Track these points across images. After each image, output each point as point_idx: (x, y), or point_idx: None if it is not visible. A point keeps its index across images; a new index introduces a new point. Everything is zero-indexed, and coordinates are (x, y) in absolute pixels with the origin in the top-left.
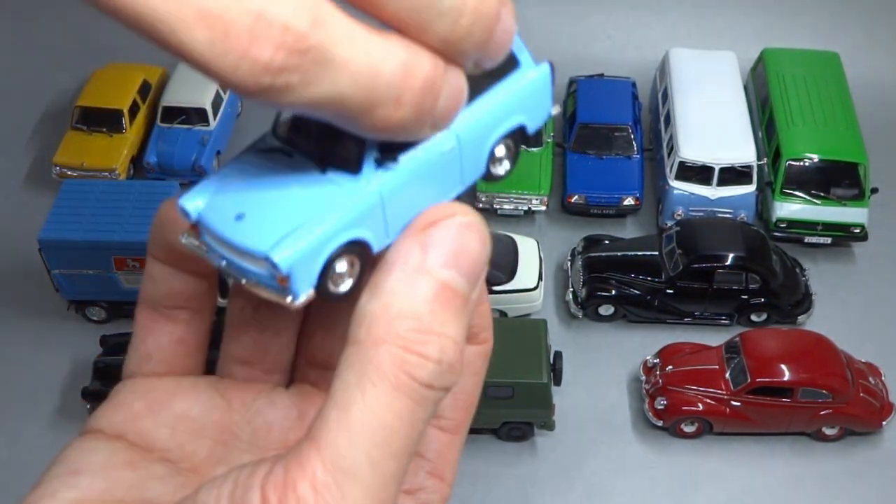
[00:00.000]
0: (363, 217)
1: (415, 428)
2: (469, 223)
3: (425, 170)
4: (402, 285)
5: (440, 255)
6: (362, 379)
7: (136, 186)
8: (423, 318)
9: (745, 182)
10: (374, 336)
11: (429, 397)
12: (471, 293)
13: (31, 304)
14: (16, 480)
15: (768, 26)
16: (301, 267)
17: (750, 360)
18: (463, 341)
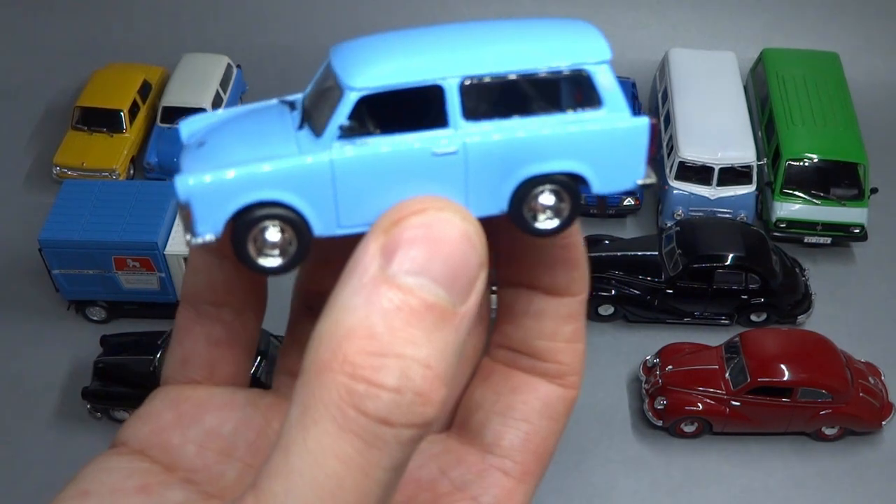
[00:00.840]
0: (300, 181)
1: (371, 477)
2: (445, 218)
3: (405, 164)
4: (355, 298)
5: (405, 258)
6: (304, 416)
7: (136, 187)
8: (379, 336)
9: (745, 182)
10: (319, 362)
11: (387, 437)
12: (456, 305)
13: (31, 304)
14: (16, 480)
15: (768, 27)
16: (203, 202)
17: (750, 359)
18: (444, 365)
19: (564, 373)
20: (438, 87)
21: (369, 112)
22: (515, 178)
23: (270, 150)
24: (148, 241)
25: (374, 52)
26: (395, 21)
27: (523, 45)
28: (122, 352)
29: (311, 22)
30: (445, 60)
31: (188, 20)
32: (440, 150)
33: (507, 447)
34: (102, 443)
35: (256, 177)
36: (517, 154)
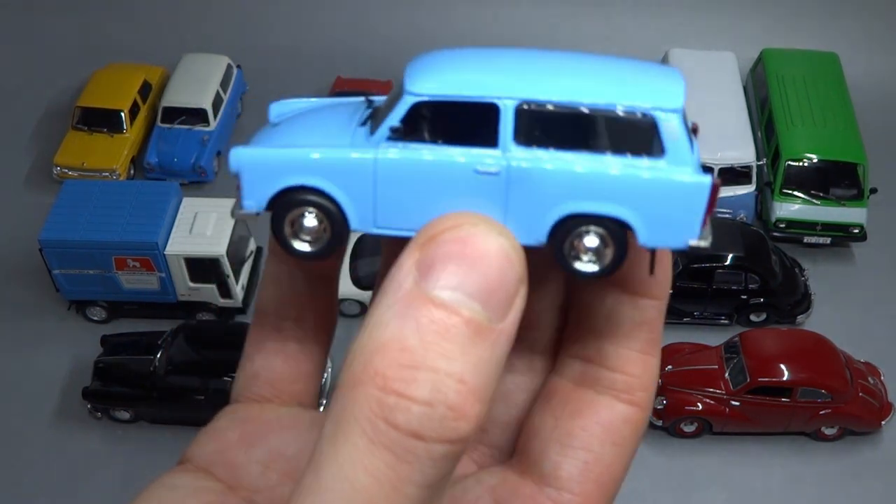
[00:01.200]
0: (342, 171)
1: (402, 493)
2: (481, 232)
3: (446, 175)
4: (390, 313)
5: (441, 273)
6: (336, 431)
7: (136, 187)
8: (411, 350)
9: (745, 182)
10: (352, 376)
11: (419, 452)
12: (493, 321)
13: (31, 304)
14: (16, 480)
15: (767, 27)
16: (250, 175)
17: (749, 359)
18: (481, 381)
19: (632, 387)
20: (494, 106)
21: (426, 120)
22: (556, 212)
23: (325, 140)
24: (148, 241)
25: (444, 63)
26: (395, 21)
27: (592, 79)
28: (122, 352)
29: (311, 22)
30: (507, 81)
31: (188, 20)
32: (482, 169)
33: (565, 479)
34: (102, 443)
35: (303, 161)
36: (562, 188)
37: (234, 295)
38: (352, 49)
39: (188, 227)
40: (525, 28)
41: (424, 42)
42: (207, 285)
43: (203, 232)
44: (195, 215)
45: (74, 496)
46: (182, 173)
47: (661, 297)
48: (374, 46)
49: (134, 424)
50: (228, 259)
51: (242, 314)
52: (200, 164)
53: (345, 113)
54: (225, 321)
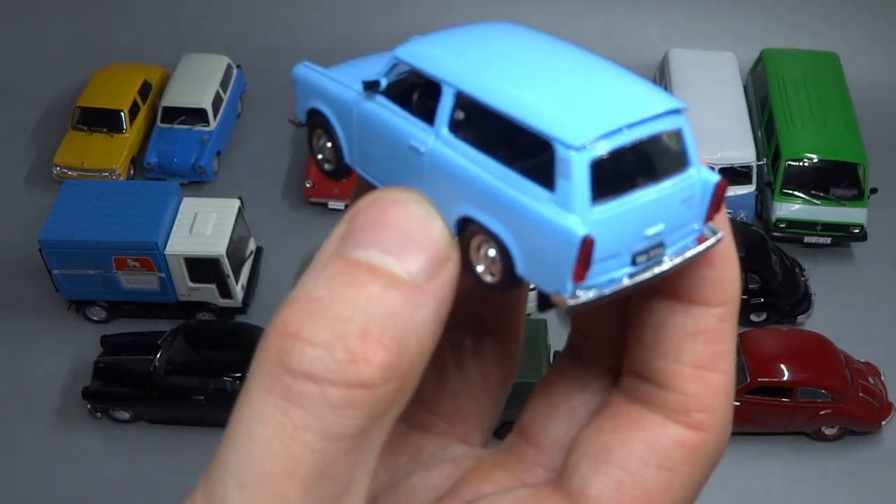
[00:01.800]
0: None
1: (301, 441)
2: (401, 200)
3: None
4: (307, 276)
5: (358, 236)
6: (245, 386)
7: (136, 187)
8: (318, 300)
9: (745, 182)
10: (265, 333)
11: (313, 396)
12: (415, 277)
13: (31, 304)
14: (16, 480)
15: (767, 27)
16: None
17: (750, 359)
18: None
19: (688, 407)
20: (439, 87)
21: (401, 84)
22: (457, 210)
23: (347, 78)
24: (148, 241)
25: (439, 36)
26: (396, 21)
27: (543, 89)
28: (122, 352)
29: (311, 22)
30: (462, 68)
31: (188, 20)
32: (413, 143)
33: (594, 497)
34: (102, 443)
35: (318, 87)
36: (465, 187)
37: (234, 295)
38: (352, 49)
39: (188, 227)
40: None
41: None
42: (207, 285)
43: (203, 232)
44: (195, 215)
45: (74, 496)
46: (182, 173)
47: (723, 303)
48: (374, 46)
49: (134, 424)
50: (228, 259)
51: (242, 314)
52: (200, 163)
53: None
54: (225, 321)
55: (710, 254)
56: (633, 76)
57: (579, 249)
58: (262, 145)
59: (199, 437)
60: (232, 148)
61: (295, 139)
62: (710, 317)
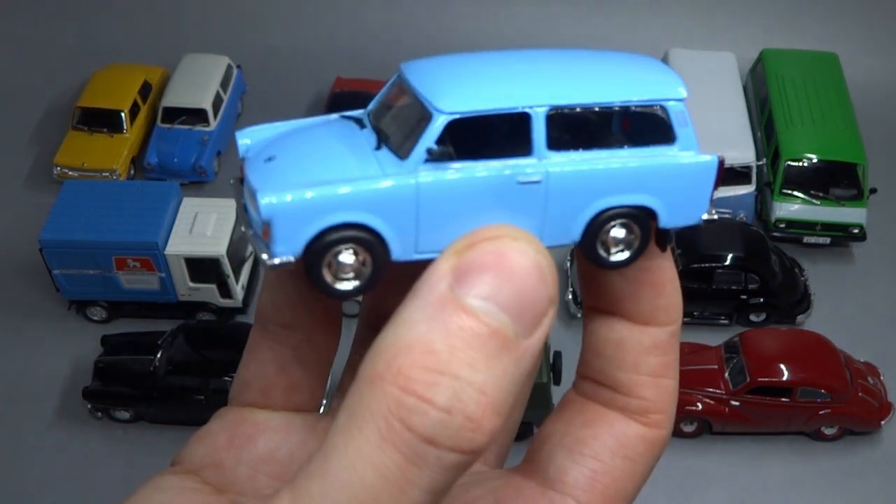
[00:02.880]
0: (384, 203)
1: (407, 495)
2: (520, 248)
3: (489, 190)
4: (420, 314)
5: (476, 282)
6: (351, 422)
7: (136, 187)
8: (437, 353)
9: (744, 182)
10: (373, 370)
11: (430, 458)
12: (520, 336)
13: (31, 304)
14: (17, 480)
15: (767, 27)
16: (286, 221)
17: (749, 359)
18: (501, 395)
19: (647, 409)
20: (526, 115)
21: (454, 136)
22: (591, 209)
23: (352, 171)
24: (148, 241)
25: (458, 74)
26: (396, 21)
27: (605, 78)
28: (122, 352)
29: (312, 22)
30: (534, 88)
31: (189, 20)
32: (525, 179)
33: (570, 484)
34: (103, 443)
35: (341, 197)
36: (595, 185)
37: (235, 295)
38: (352, 49)
39: (188, 227)
40: (525, 28)
41: (424, 42)
42: (207, 285)
43: (203, 232)
44: (195, 215)
45: (75, 496)
46: (182, 173)
47: (672, 323)
48: (374, 46)
49: (134, 424)
50: (229, 259)
51: (242, 314)
52: (200, 164)
53: (341, 136)
54: (225, 321)
55: (660, 285)
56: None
57: (717, 170)
58: None
59: None
60: (232, 148)
61: None
62: (664, 333)
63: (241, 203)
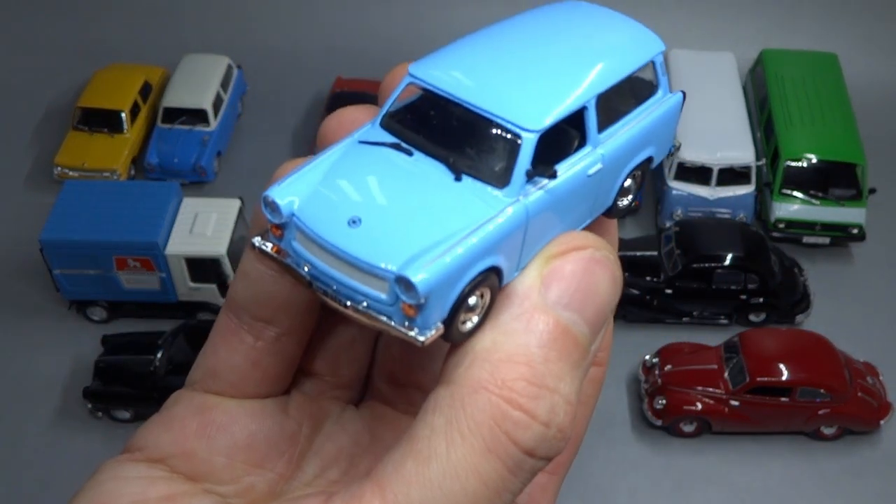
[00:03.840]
0: (506, 238)
1: (501, 498)
2: (602, 259)
3: (569, 192)
4: (516, 323)
5: (565, 292)
6: (451, 428)
7: (136, 187)
8: (536, 366)
9: (744, 182)
10: (475, 379)
11: (525, 467)
12: (592, 344)
13: (32, 304)
14: (17, 480)
15: (767, 27)
16: (438, 294)
17: (749, 359)
18: (577, 402)
19: None
20: (583, 109)
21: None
22: (623, 173)
23: (462, 217)
24: (148, 241)
25: (505, 78)
26: (395, 21)
27: (609, 50)
28: (122, 352)
29: (312, 22)
30: (581, 78)
31: (189, 21)
32: (593, 171)
33: None
34: (103, 442)
35: (476, 251)
36: (627, 152)
37: None
38: (352, 49)
39: (188, 227)
40: None
41: (424, 42)
42: (208, 285)
43: (203, 232)
44: (195, 215)
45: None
46: (182, 173)
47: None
48: (374, 46)
49: (134, 424)
50: (229, 259)
51: None
52: (201, 164)
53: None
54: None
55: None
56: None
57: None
58: (262, 145)
59: None
60: (232, 148)
61: (295, 140)
62: None
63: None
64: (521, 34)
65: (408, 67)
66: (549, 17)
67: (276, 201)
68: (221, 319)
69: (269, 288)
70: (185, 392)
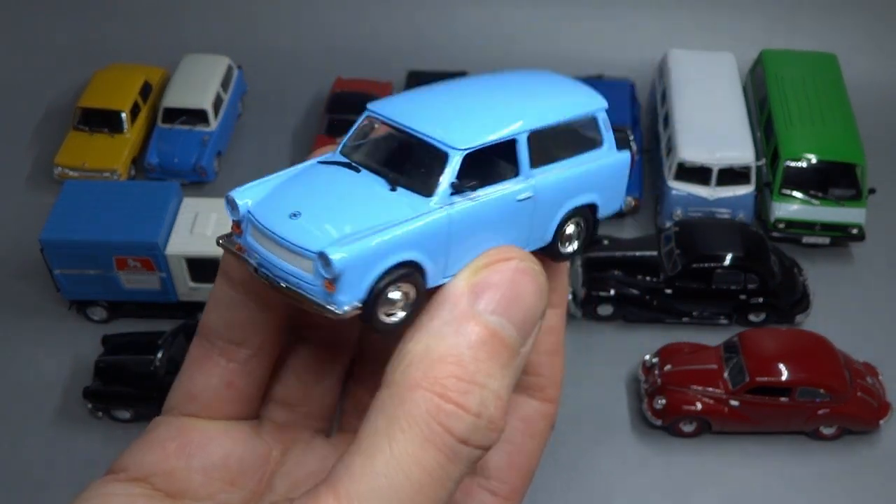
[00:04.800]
0: (427, 237)
1: (444, 487)
2: (527, 269)
3: (497, 212)
4: (447, 328)
5: (491, 299)
6: (392, 425)
7: (137, 187)
8: (466, 365)
9: (744, 182)
10: (411, 379)
11: (462, 455)
12: (521, 346)
13: (32, 304)
14: (17, 480)
15: (767, 28)
16: (354, 272)
17: (748, 359)
18: (507, 398)
19: (543, 385)
20: (513, 140)
21: (465, 168)
22: (561, 211)
23: (388, 216)
24: (149, 241)
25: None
26: (395, 21)
27: (552, 100)
28: (122, 351)
29: (312, 22)
30: (515, 116)
31: (189, 21)
32: (522, 197)
33: (493, 468)
34: (103, 442)
35: (395, 240)
36: (564, 192)
37: None
38: (352, 49)
39: (189, 227)
40: (525, 28)
41: (424, 42)
42: (208, 285)
43: (204, 232)
44: (196, 215)
45: (75, 495)
46: (183, 173)
47: (561, 305)
48: (374, 46)
49: (135, 424)
50: None
51: None
52: (201, 164)
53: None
54: None
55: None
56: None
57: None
58: (262, 146)
59: None
60: (232, 148)
61: (295, 140)
62: (555, 316)
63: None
64: (476, 85)
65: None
66: (510, 75)
67: (236, 200)
68: (194, 347)
69: (239, 311)
70: (164, 417)
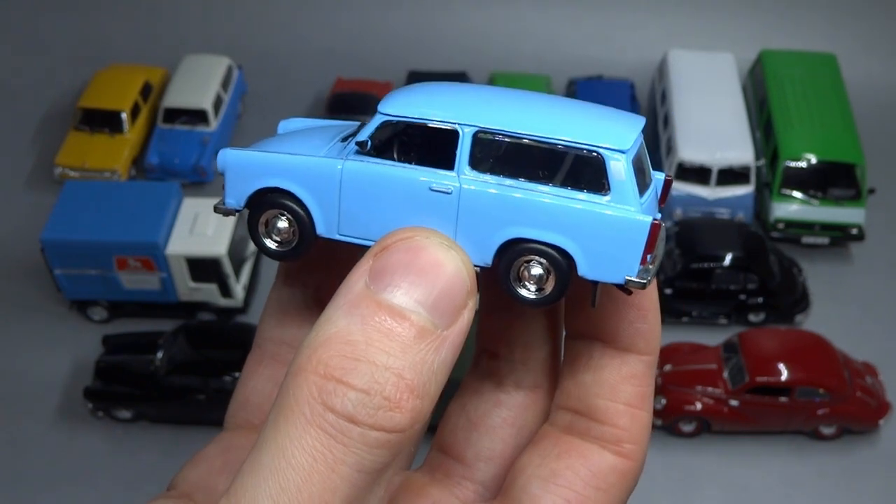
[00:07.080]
0: (310, 177)
1: (338, 473)
2: (432, 245)
3: (403, 189)
4: (339, 312)
5: (391, 278)
6: (278, 415)
7: (137, 187)
8: (355, 344)
9: (743, 183)
10: (296, 366)
11: (353, 435)
12: (438, 327)
13: (32, 304)
14: (18, 479)
15: (766, 28)
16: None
17: (748, 359)
18: (420, 379)
19: (621, 439)
20: (455, 132)
21: (394, 140)
22: (502, 235)
23: (303, 150)
24: (149, 241)
25: (420, 90)
26: (395, 21)
27: (553, 118)
28: (123, 351)
29: (312, 23)
30: (468, 110)
31: (189, 21)
32: (436, 188)
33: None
34: (103, 442)
35: (276, 163)
36: (509, 213)
37: (235, 295)
38: (352, 49)
39: (189, 227)
40: (525, 28)
41: (424, 42)
42: (208, 285)
43: (204, 232)
44: (196, 215)
45: (76, 495)
46: (183, 174)
47: (650, 353)
48: (374, 47)
49: (135, 424)
50: (229, 259)
51: (243, 314)
52: (201, 164)
53: (335, 131)
54: (225, 321)
55: (644, 309)
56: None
57: (649, 234)
58: None
59: (200, 436)
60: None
61: None
62: (641, 363)
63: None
64: (500, 90)
65: None
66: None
67: (279, 126)
68: (249, 358)
69: (292, 310)
70: (221, 434)
